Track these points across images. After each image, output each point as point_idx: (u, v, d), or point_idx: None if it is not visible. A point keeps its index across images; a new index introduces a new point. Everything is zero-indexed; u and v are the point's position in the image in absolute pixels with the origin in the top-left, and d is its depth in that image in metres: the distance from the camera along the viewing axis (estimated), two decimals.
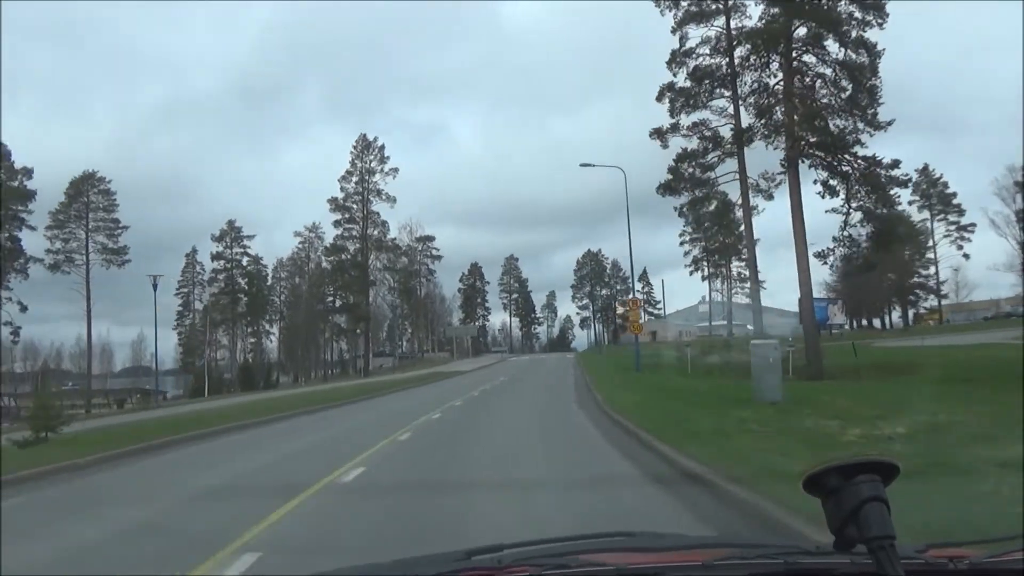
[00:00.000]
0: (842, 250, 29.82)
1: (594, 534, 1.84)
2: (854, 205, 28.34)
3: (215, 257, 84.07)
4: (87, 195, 61.33)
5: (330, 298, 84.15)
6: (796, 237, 27.55)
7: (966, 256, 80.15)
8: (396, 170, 76.04)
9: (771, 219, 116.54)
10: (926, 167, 79.12)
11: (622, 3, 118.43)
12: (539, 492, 7.50)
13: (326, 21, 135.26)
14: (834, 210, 28.98)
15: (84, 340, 79.60)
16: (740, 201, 29.79)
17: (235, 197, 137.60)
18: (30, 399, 60.89)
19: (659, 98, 30.53)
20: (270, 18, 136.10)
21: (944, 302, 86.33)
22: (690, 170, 29.46)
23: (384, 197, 75.80)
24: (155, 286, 44.39)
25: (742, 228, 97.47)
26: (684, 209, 30.79)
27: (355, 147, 75.71)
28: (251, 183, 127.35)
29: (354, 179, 75.52)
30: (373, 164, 75.33)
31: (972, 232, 79.83)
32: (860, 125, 27.36)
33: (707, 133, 29.40)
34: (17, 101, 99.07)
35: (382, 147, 75.96)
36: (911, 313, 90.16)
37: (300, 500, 7.27)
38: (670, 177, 29.84)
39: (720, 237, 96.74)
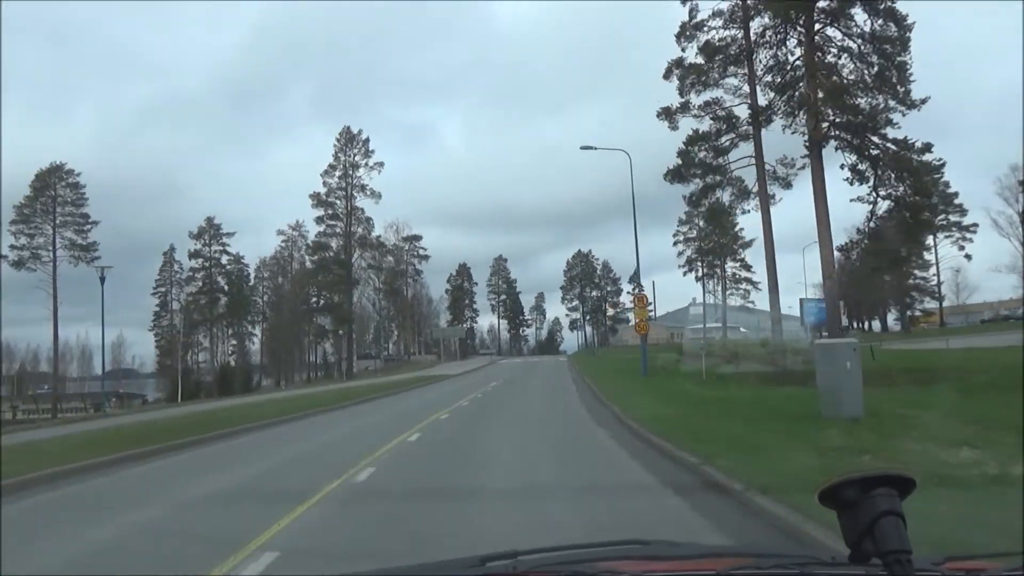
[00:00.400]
0: (867, 243, 27.33)
1: (608, 542, 1.77)
2: (882, 193, 25.80)
3: (193, 255, 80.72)
4: (54, 188, 57.87)
5: (314, 298, 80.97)
6: (820, 227, 24.88)
7: (968, 257, 77.92)
8: (381, 164, 73.07)
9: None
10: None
11: (614, 3, 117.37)
12: None
13: (314, 20, 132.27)
14: (859, 199, 26.45)
15: (66, 342, 77.54)
16: (756, 188, 27.06)
17: (222, 198, 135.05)
18: (5, 403, 58.49)
19: (667, 75, 27.88)
20: (257, 18, 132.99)
21: (942, 304, 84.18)
22: (702, 154, 26.73)
23: (368, 192, 72.73)
24: (102, 279, 40.79)
25: (738, 228, 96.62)
26: (693, 197, 27.99)
27: (338, 140, 72.50)
28: (238, 184, 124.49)
29: (337, 173, 72.33)
30: (357, 158, 72.16)
31: (974, 232, 77.56)
32: (891, 103, 24.75)
33: (720, 113, 26.69)
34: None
35: (366, 140, 72.90)
36: (907, 315, 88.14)
37: None
38: (679, 162, 27.11)
39: (715, 236, 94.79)
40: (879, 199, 25.66)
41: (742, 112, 26.83)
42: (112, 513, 7.70)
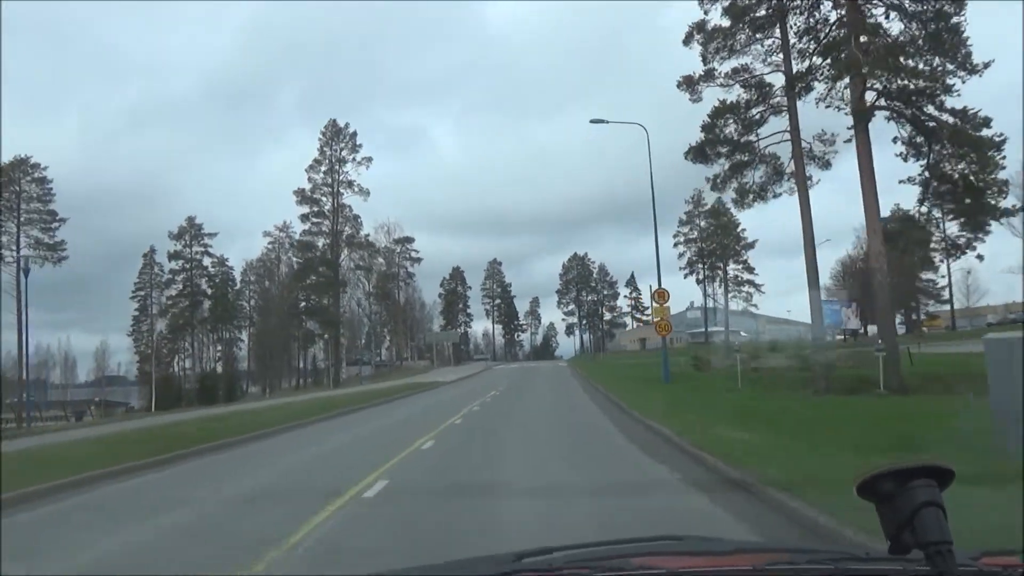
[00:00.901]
0: (917, 230, 23.98)
1: (642, 538, 1.74)
2: (937, 172, 22.42)
3: (173, 256, 76.73)
4: (19, 183, 54.04)
5: (303, 303, 77.23)
6: (867, 212, 21.43)
7: (980, 258, 74.35)
8: (369, 159, 69.55)
9: (768, 215, 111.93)
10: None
11: (609, 6, 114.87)
12: None
13: (305, 22, 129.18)
14: (909, 180, 23.09)
15: (48, 348, 74.84)
16: (790, 168, 23.61)
17: (210, 201, 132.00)
18: None
19: (687, 41, 24.48)
20: (247, 20, 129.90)
21: (953, 307, 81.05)
22: (729, 127, 23.30)
23: (356, 189, 69.09)
24: (26, 271, 36.15)
25: (740, 228, 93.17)
26: (718, 179, 24.47)
27: (323, 133, 68.79)
28: (227, 187, 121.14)
29: (323, 168, 68.60)
30: (344, 153, 68.48)
31: (988, 233, 74.03)
32: (949, 67, 21.38)
33: (751, 80, 23.26)
34: None
35: (354, 134, 69.24)
36: (913, 319, 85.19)
37: None
38: (703, 138, 23.66)
39: (718, 236, 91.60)
40: (933, 180, 22.30)
41: (775, 80, 23.44)
42: None
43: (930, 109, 21.76)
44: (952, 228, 25.49)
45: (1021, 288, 74.56)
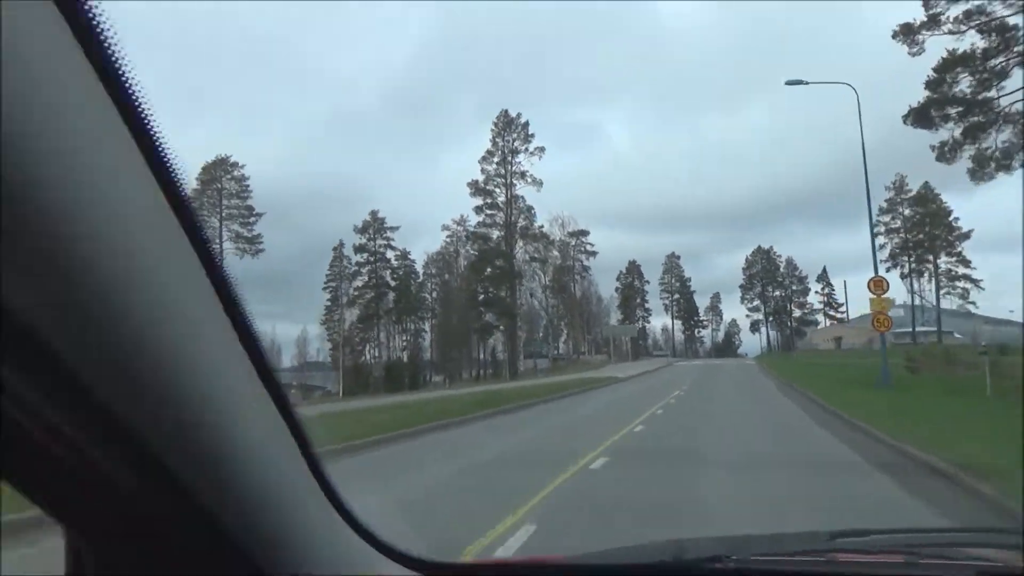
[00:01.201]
0: None
1: (969, 528, 1.80)
2: None
3: (358, 249, 79.95)
4: (220, 181, 57.98)
5: (481, 294, 78.09)
6: None
7: None
8: (542, 150, 68.41)
9: (984, 202, 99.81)
10: None
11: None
12: None
13: (478, 28, 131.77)
14: None
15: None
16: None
17: (394, 200, 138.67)
18: None
19: None
20: (425, 32, 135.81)
21: None
22: (961, 82, 19.49)
23: (529, 180, 68.22)
24: None
25: (952, 217, 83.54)
26: (947, 148, 20.62)
27: (495, 124, 68.44)
28: (410, 187, 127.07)
29: (495, 160, 68.34)
30: (516, 143, 67.79)
31: None
32: None
33: (990, 25, 19.30)
34: (202, 116, 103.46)
35: (526, 124, 68.30)
36: None
37: None
38: (927, 96, 19.98)
39: (926, 224, 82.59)
40: None
41: (1021, 22, 19.29)
42: None
43: None
44: None
45: None
